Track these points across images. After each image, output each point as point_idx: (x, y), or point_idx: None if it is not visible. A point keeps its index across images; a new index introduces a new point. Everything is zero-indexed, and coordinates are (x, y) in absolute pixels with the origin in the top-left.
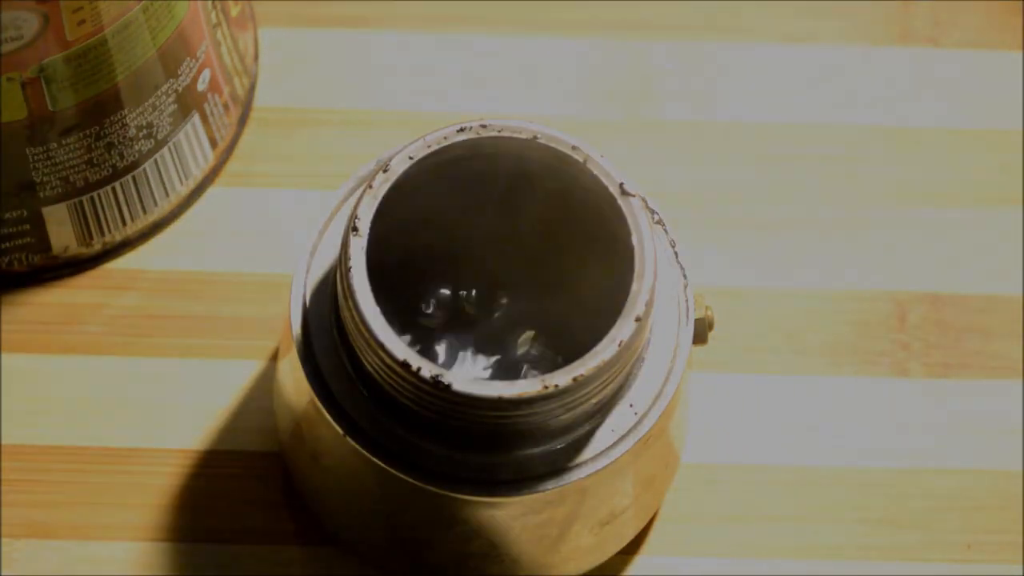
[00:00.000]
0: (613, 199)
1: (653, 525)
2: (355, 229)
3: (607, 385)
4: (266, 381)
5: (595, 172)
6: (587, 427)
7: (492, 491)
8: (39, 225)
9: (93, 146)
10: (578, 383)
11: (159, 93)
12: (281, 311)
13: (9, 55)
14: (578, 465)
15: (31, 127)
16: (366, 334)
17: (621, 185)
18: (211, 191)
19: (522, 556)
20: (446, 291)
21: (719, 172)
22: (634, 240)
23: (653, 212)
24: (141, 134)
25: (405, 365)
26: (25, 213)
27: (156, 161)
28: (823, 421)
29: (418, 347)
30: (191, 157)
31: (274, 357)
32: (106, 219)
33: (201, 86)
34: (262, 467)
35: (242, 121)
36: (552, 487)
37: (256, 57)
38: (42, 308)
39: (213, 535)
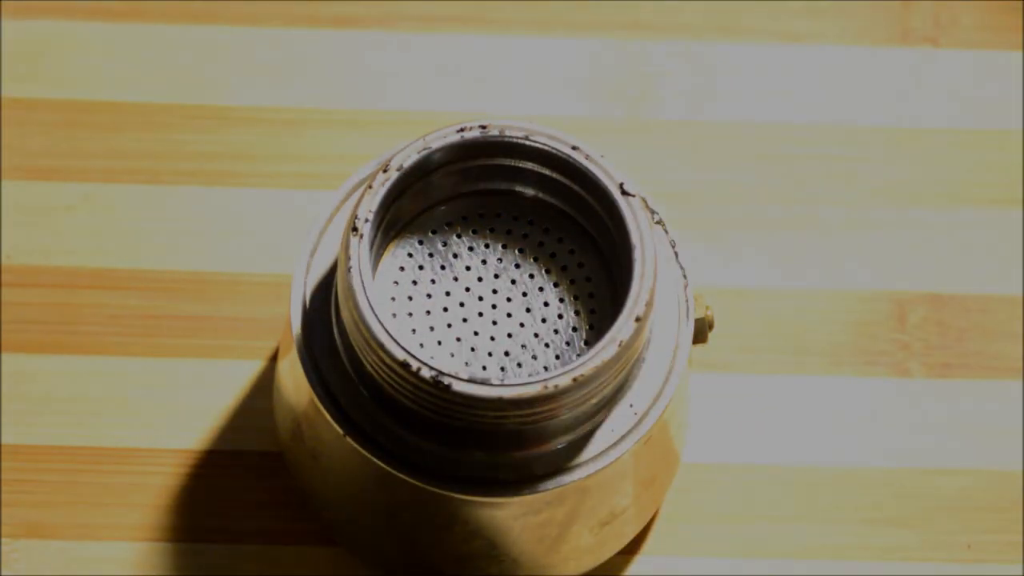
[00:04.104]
0: (613, 199)
1: (653, 525)
2: (355, 229)
3: (607, 385)
4: (266, 381)
5: (595, 172)
6: (587, 427)
7: (492, 491)
8: None
9: None
10: (578, 383)
11: None
12: (281, 311)
13: None
14: (578, 465)
15: None
16: (366, 334)
17: (621, 185)
18: (211, 191)
19: (522, 556)
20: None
21: (719, 172)
22: (634, 240)
23: (653, 212)
24: None
25: (405, 365)
26: None
27: None
28: (823, 421)
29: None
30: None
31: (274, 357)
32: None
33: None
34: (262, 467)
35: None
36: (552, 487)
37: None
38: (42, 308)
39: (213, 535)
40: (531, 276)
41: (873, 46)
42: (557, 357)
